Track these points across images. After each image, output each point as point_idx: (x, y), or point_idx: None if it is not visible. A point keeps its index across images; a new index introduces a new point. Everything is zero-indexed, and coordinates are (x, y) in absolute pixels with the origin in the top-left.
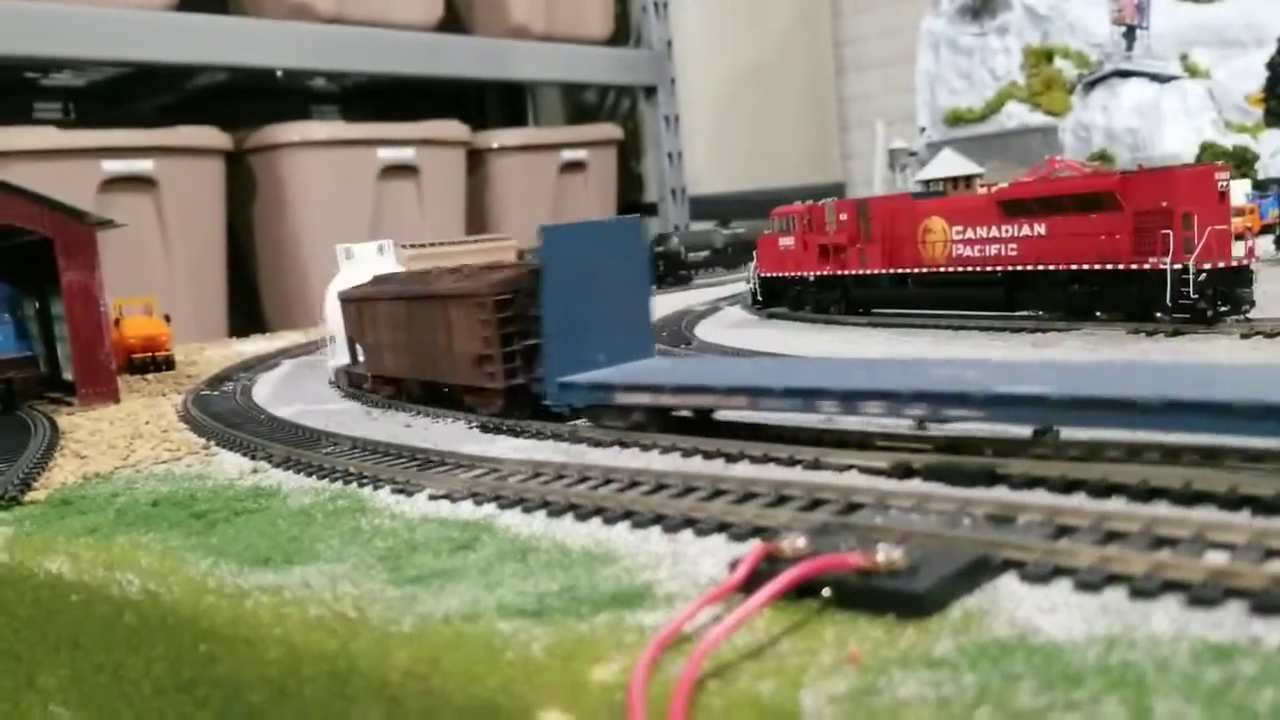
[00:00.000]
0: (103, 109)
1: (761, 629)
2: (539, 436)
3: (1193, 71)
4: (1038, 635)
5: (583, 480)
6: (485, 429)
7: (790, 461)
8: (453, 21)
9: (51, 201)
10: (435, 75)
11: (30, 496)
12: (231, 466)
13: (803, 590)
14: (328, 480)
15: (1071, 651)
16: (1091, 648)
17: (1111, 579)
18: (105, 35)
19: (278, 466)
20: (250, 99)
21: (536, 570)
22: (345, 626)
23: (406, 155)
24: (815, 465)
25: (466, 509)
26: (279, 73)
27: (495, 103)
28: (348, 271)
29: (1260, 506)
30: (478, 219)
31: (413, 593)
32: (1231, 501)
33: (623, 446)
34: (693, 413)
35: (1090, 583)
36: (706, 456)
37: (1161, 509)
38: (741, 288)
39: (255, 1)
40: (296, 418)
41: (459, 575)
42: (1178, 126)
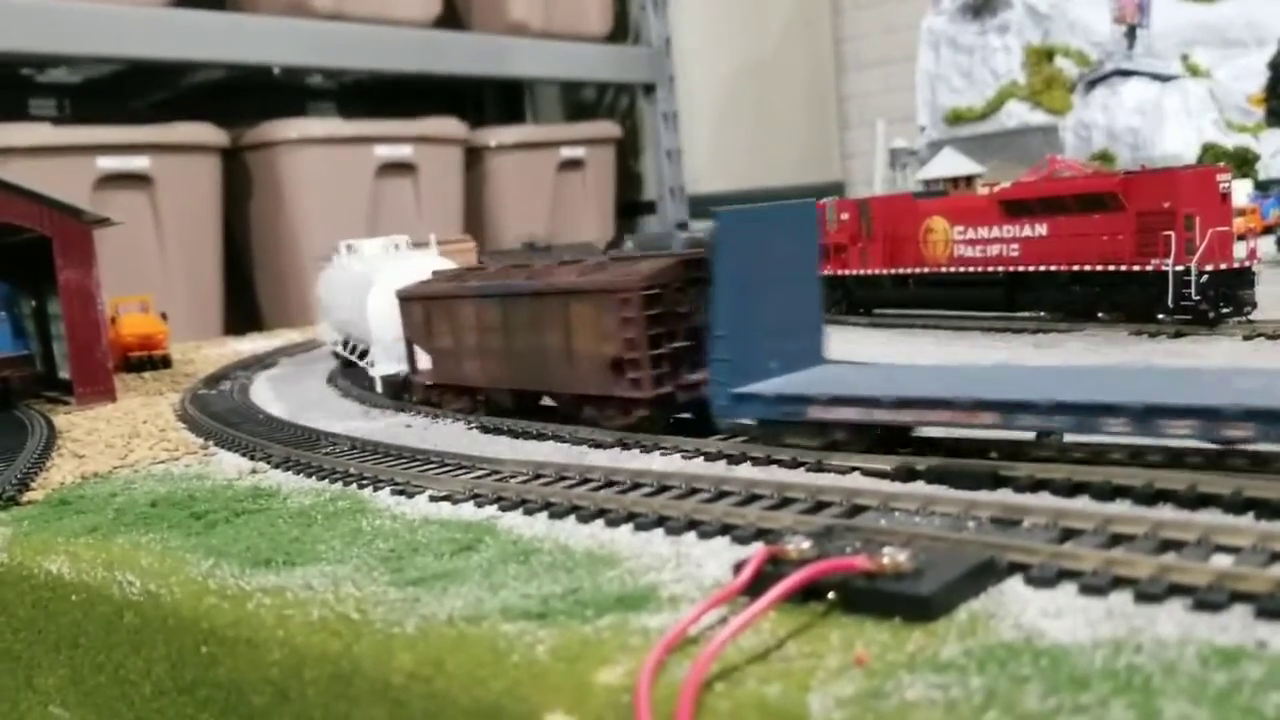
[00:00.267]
0: (98, 106)
1: (767, 632)
2: (539, 438)
3: (1194, 71)
4: (1044, 638)
5: (585, 482)
6: (485, 430)
7: (794, 464)
8: (451, 18)
9: (49, 200)
10: (433, 72)
11: (28, 496)
12: (230, 467)
13: (808, 593)
14: (328, 481)
15: (1078, 655)
16: (1098, 651)
17: (1117, 582)
18: (101, 31)
19: (277, 467)
20: (247, 96)
21: (540, 572)
22: (348, 628)
23: (404, 153)
24: (818, 467)
25: (468, 510)
26: (276, 70)
27: (493, 100)
28: (344, 269)
29: (1266, 510)
30: (475, 217)
31: (415, 594)
32: (1237, 504)
33: (624, 448)
34: (883, 430)
35: (1096, 586)
36: (709, 458)
37: (1167, 512)
38: None
39: None
40: None
41: (462, 577)
42: (1179, 126)
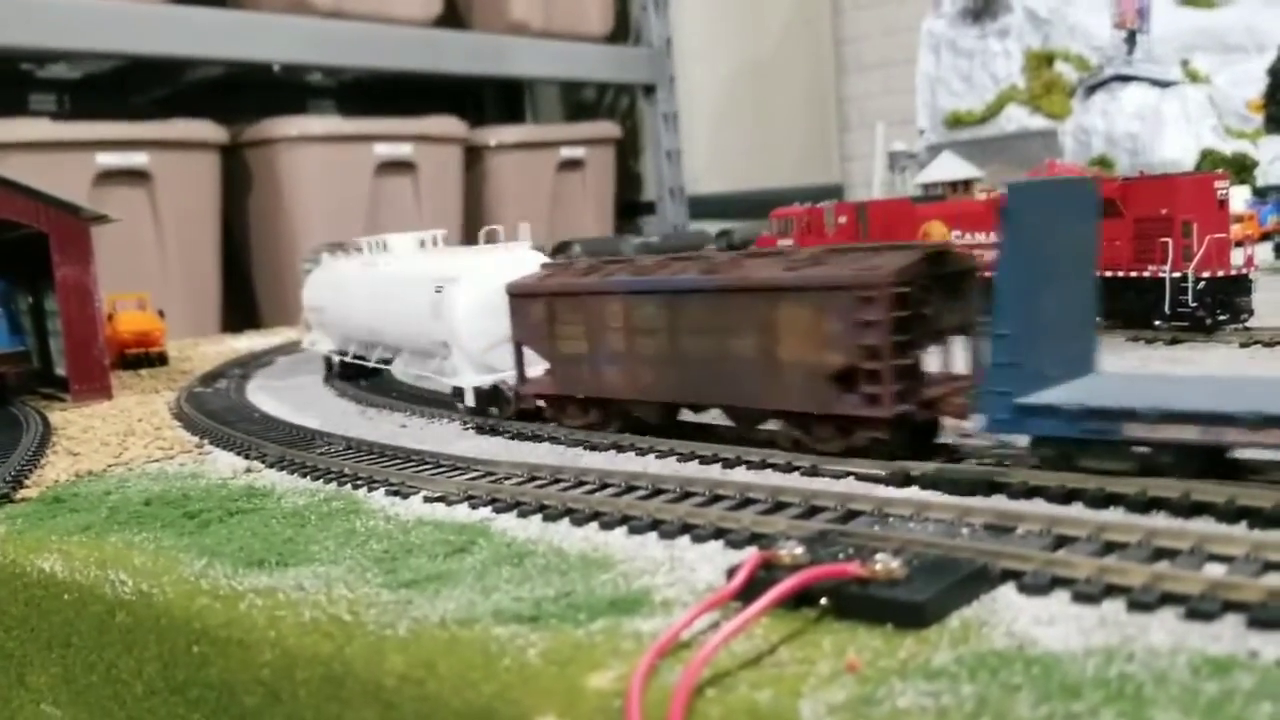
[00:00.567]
0: (98, 102)
1: (760, 637)
2: (534, 439)
3: (1193, 77)
4: (1036, 646)
5: (579, 484)
6: (480, 430)
7: (788, 467)
8: (451, 17)
9: (47, 197)
10: (433, 71)
11: (22, 494)
12: (225, 466)
13: (801, 599)
14: (322, 481)
15: (1070, 663)
16: (1089, 659)
17: (1110, 590)
18: (102, 27)
19: (271, 466)
20: (247, 93)
21: (533, 575)
22: (340, 630)
23: (403, 151)
24: (813, 472)
25: (462, 512)
26: (276, 67)
27: (493, 99)
28: (374, 267)
29: (1259, 519)
30: (474, 216)
31: (408, 596)
32: (1230, 513)
33: (619, 450)
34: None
35: (1088, 594)
36: (703, 461)
37: (1160, 520)
38: None
39: None
40: None
41: (455, 579)
42: (1178, 132)
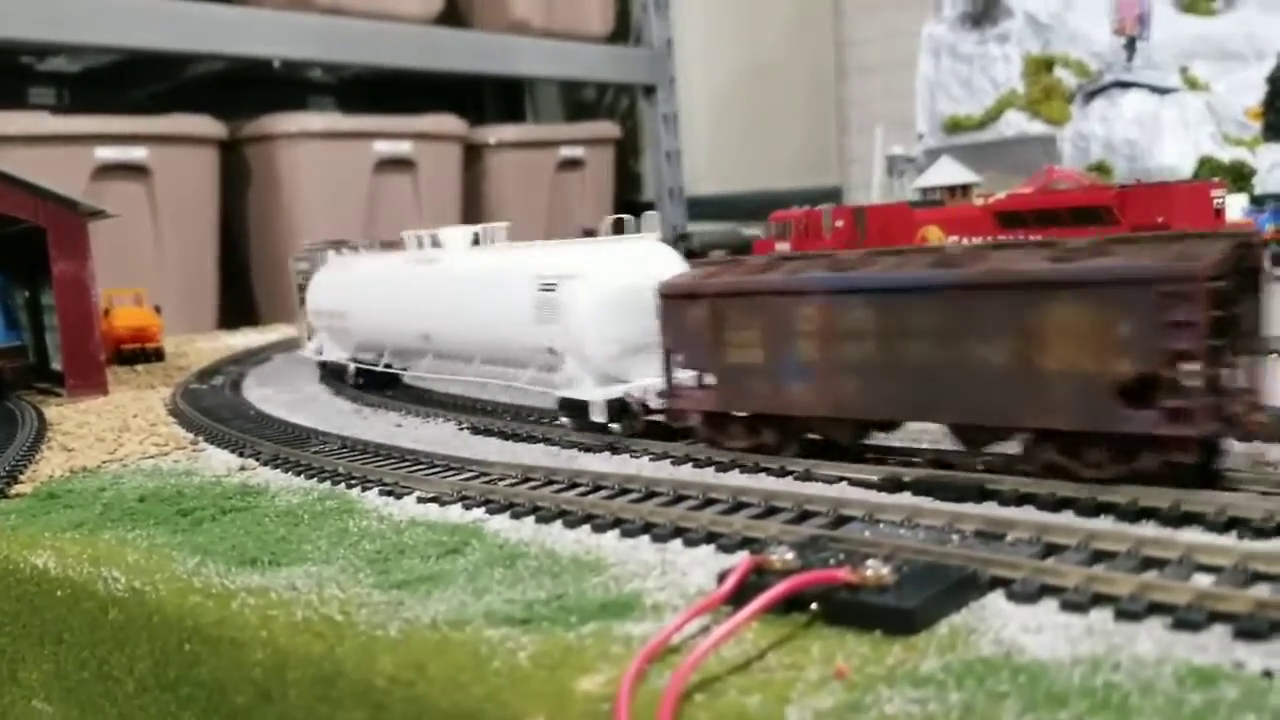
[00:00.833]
0: (97, 95)
1: (749, 642)
2: (529, 440)
3: (1192, 84)
4: (1023, 655)
5: (572, 486)
6: (475, 431)
7: (781, 472)
8: (452, 15)
9: (44, 191)
10: (433, 69)
11: (16, 489)
12: (219, 463)
13: (791, 604)
14: (316, 480)
15: (1056, 672)
16: (1076, 668)
17: (1098, 599)
18: (102, 21)
19: (266, 464)
20: (246, 89)
21: (525, 577)
22: (331, 630)
23: (403, 149)
24: (806, 476)
25: (456, 513)
26: (276, 63)
27: (493, 98)
28: (425, 263)
29: (1248, 529)
30: (474, 214)
31: (400, 597)
32: (1219, 524)
33: (613, 452)
34: None
35: (1076, 603)
36: (698, 464)
37: (1149, 529)
38: None
39: None
40: None
41: (447, 580)
42: (1176, 139)
